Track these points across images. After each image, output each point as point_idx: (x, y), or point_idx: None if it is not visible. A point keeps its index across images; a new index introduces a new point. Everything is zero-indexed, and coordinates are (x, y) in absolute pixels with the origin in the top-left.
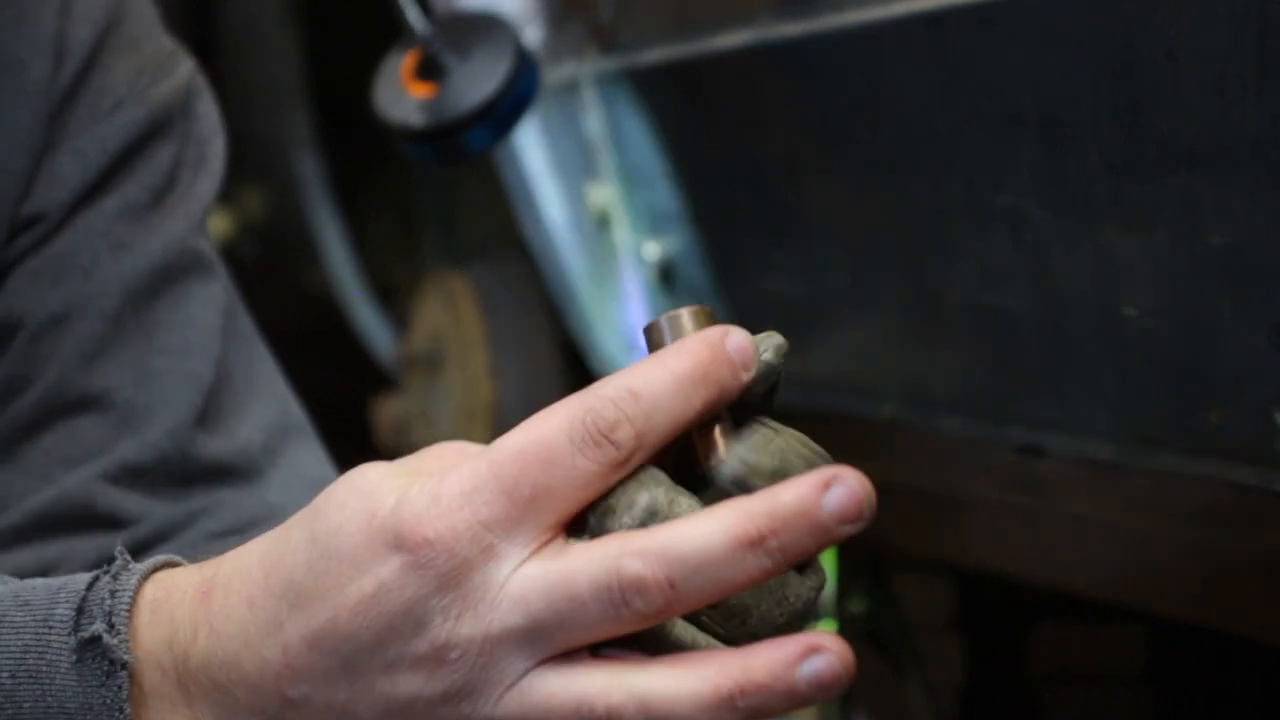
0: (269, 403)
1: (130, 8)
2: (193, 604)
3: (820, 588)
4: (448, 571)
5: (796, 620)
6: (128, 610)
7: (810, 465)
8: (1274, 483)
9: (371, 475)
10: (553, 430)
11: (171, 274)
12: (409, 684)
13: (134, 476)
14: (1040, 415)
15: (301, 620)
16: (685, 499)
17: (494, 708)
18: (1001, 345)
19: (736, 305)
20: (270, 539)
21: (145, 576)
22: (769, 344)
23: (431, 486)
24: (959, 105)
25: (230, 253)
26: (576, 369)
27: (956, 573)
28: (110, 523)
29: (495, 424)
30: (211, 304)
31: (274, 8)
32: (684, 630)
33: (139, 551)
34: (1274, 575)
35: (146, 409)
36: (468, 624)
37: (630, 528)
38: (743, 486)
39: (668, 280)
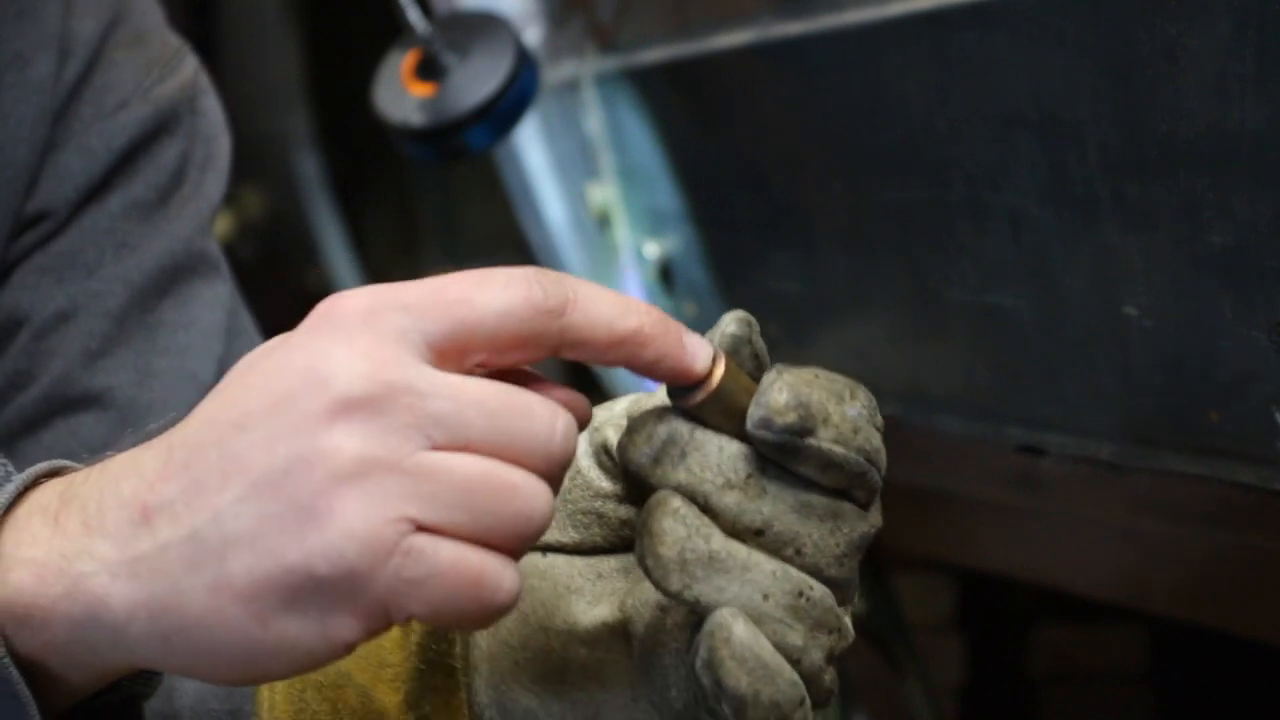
0: None
1: (134, 2)
2: (91, 469)
3: (877, 527)
4: (357, 322)
5: (854, 552)
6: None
7: (822, 385)
8: (1274, 482)
9: None
10: (491, 272)
11: (178, 274)
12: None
13: None
14: (1040, 415)
15: (192, 428)
16: (710, 433)
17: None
18: (1001, 345)
19: (737, 305)
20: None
21: (31, 483)
22: (726, 320)
23: None
24: (959, 105)
25: (230, 253)
26: (576, 368)
27: (956, 573)
28: None
29: None
30: (215, 305)
31: (274, 7)
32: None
33: None
34: (1274, 575)
35: (148, 408)
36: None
37: (650, 458)
38: (768, 426)
39: (668, 280)
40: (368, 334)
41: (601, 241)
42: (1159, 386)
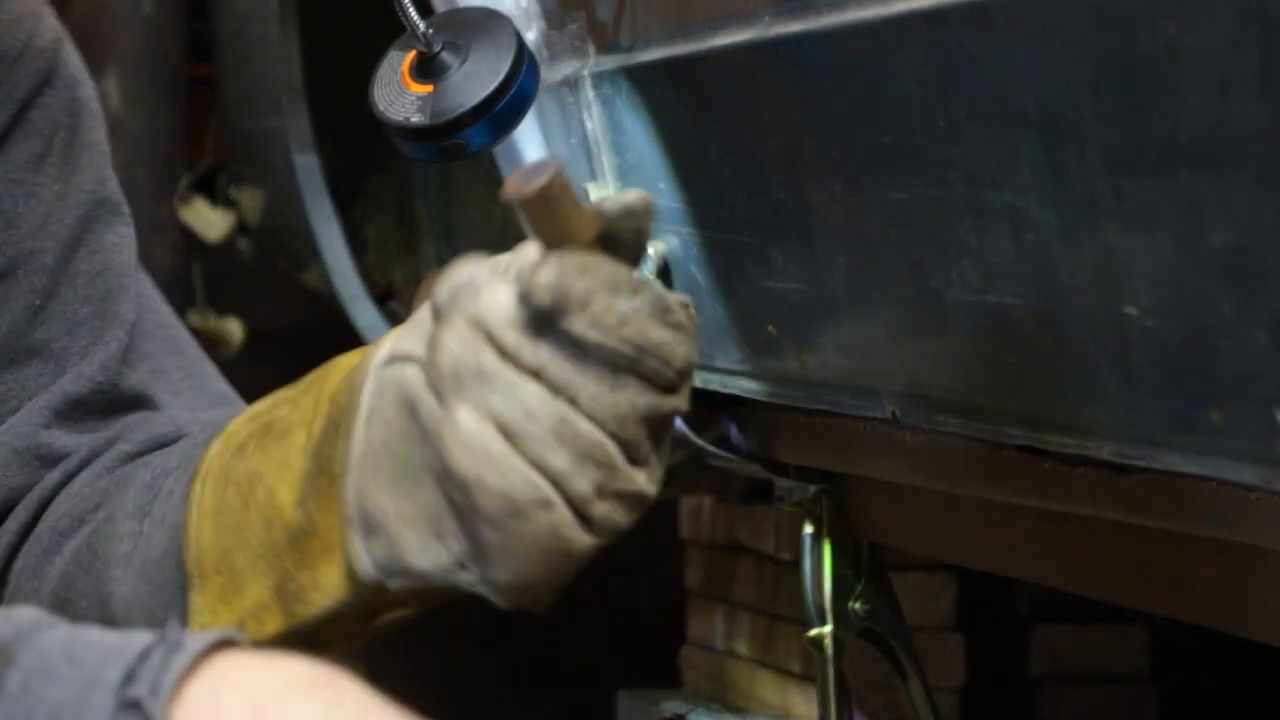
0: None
1: None
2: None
3: (677, 409)
4: None
5: (640, 419)
6: (174, 684)
7: (597, 274)
8: (1275, 483)
9: None
10: None
11: (88, 223)
12: None
13: (72, 409)
14: (1040, 415)
15: None
16: (507, 281)
17: None
18: (1001, 345)
19: (737, 305)
20: None
21: (199, 656)
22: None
23: None
24: (959, 105)
25: (229, 252)
26: None
27: (956, 573)
28: (49, 460)
29: None
30: (124, 247)
31: (274, 7)
32: None
33: (69, 479)
34: (1275, 576)
35: (81, 356)
36: None
37: (448, 295)
38: (525, 300)
39: (667, 279)
40: None
41: None
42: (1160, 386)
